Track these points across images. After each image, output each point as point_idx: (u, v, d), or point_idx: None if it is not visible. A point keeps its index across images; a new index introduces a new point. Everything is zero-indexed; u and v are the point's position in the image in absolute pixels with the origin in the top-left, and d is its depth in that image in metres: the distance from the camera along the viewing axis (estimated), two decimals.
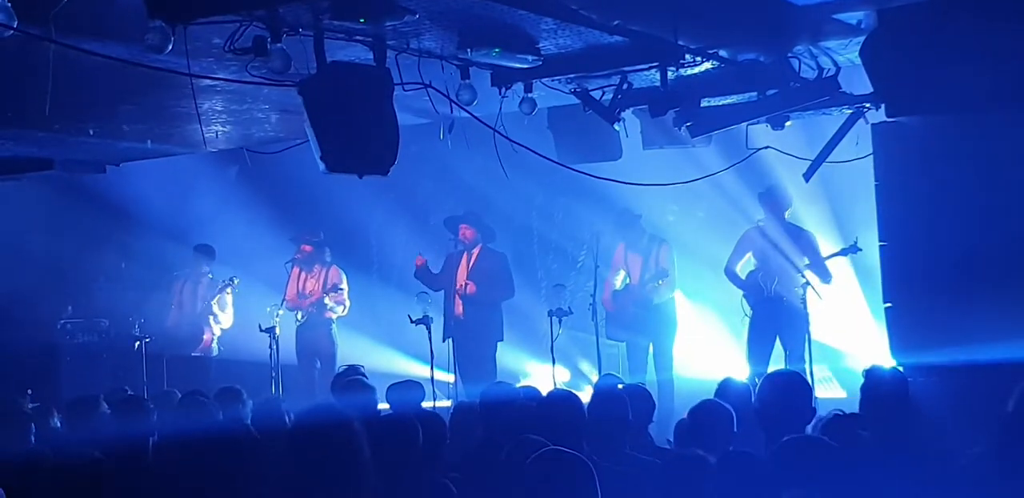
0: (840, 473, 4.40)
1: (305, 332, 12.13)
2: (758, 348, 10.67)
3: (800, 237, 10.67)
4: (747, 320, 10.80)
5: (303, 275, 12.22)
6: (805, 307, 10.25)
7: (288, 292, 12.14)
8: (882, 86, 7.80)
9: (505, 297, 11.65)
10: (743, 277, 10.87)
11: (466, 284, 11.46)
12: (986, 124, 7.63)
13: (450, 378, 11.53)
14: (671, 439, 6.65)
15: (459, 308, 11.49)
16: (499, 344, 11.67)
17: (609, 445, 5.86)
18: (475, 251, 11.64)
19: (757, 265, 10.82)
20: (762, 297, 10.64)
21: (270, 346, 11.34)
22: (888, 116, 7.93)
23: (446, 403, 10.62)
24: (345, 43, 7.18)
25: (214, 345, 12.47)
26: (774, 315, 10.57)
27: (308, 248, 12.23)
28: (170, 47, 6.35)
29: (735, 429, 6.09)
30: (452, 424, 7.03)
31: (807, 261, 10.48)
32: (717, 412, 6.18)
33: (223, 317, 12.42)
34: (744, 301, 10.82)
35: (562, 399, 6.15)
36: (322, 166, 7.11)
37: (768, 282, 10.58)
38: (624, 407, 6.28)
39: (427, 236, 12.92)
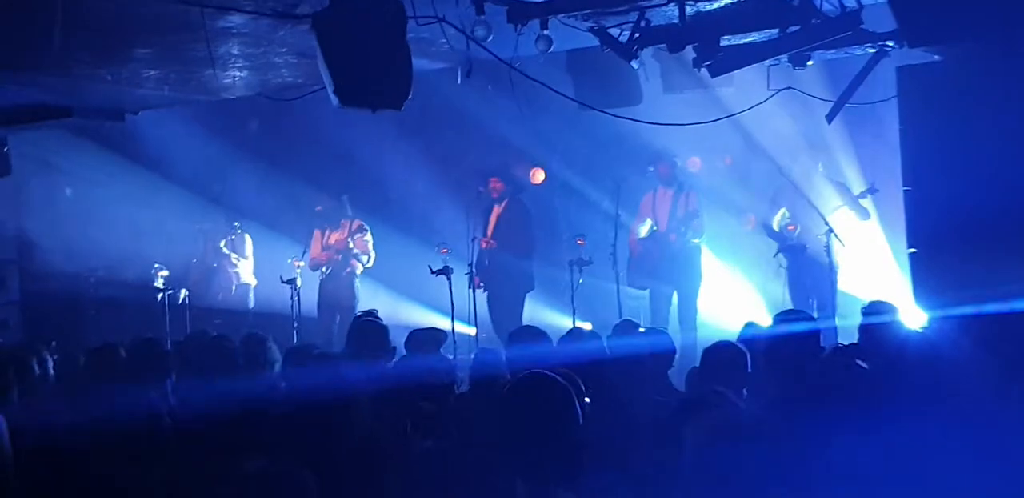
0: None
1: (328, 284, 12.13)
2: (799, 297, 10.70)
3: (824, 185, 10.67)
4: (783, 271, 10.81)
5: (328, 232, 12.18)
6: (829, 254, 10.21)
7: (312, 251, 12.10)
8: (903, 15, 7.61)
9: (523, 253, 11.64)
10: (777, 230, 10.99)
11: (488, 241, 11.55)
12: (1014, 63, 7.45)
13: (471, 331, 11.49)
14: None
15: (487, 258, 11.60)
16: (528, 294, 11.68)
17: (625, 384, 5.79)
18: (504, 203, 11.70)
19: (790, 218, 10.85)
20: (786, 245, 10.66)
21: (291, 297, 11.34)
22: (910, 46, 7.71)
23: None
24: None
25: (250, 296, 12.49)
26: (801, 263, 10.64)
27: (320, 208, 12.22)
28: None
29: (749, 370, 6.02)
30: (474, 372, 7.01)
31: (835, 204, 10.44)
32: (729, 353, 6.11)
33: (242, 261, 12.42)
34: (781, 254, 10.82)
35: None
36: (335, 100, 7.04)
37: (792, 231, 10.61)
38: (641, 347, 6.22)
39: (449, 187, 12.86)
